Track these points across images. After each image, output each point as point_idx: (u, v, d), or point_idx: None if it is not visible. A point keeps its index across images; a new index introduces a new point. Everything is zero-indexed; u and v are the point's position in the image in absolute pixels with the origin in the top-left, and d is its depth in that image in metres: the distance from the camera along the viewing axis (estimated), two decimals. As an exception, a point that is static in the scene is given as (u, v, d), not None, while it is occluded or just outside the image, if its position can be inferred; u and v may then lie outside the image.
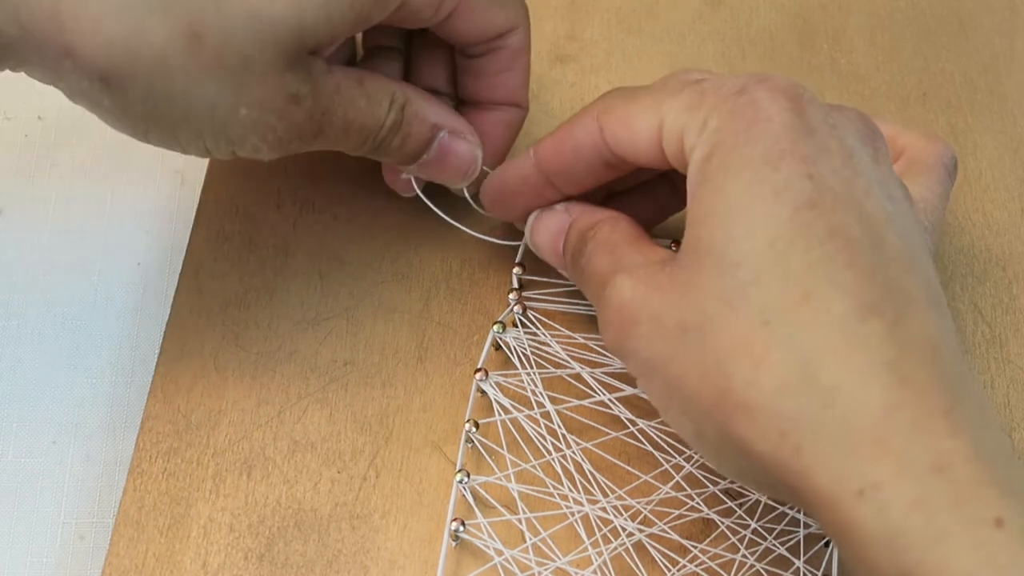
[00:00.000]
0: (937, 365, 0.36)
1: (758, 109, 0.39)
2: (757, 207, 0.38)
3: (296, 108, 0.43)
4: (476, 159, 0.49)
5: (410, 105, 0.46)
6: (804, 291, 0.37)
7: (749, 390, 0.37)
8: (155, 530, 0.45)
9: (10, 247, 0.54)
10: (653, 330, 0.39)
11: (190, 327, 0.50)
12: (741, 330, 0.37)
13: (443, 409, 0.48)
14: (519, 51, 0.49)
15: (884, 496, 0.34)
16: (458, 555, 0.45)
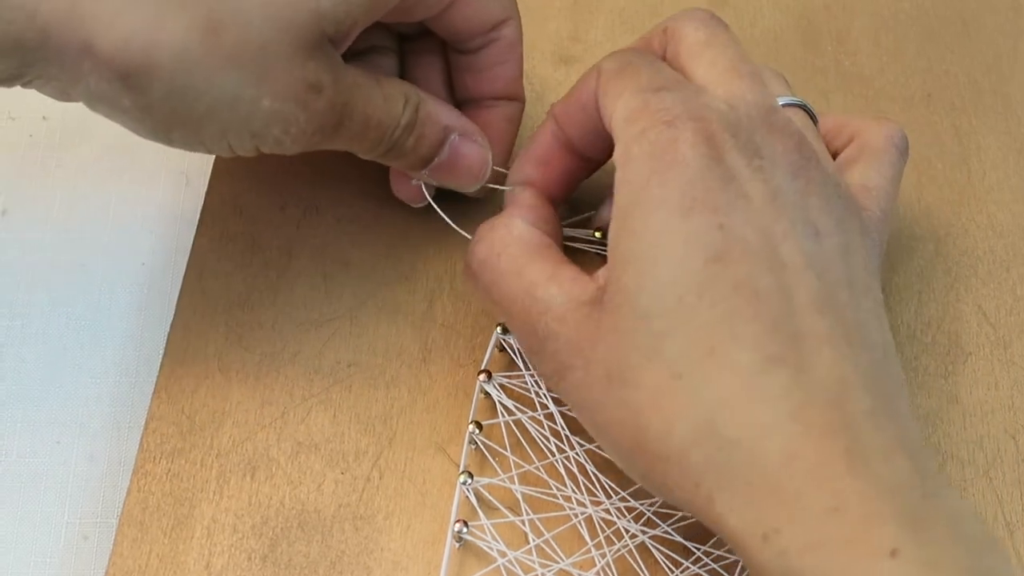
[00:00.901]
0: (842, 405, 0.37)
1: (677, 151, 0.39)
2: (668, 257, 0.39)
3: (317, 97, 0.43)
4: (487, 161, 0.49)
5: (423, 106, 0.47)
6: (710, 346, 0.38)
7: (663, 442, 0.38)
8: (159, 531, 0.45)
9: (14, 247, 0.54)
10: (584, 379, 0.40)
11: (194, 328, 0.50)
12: (655, 383, 0.38)
13: (446, 410, 0.48)
14: (513, 42, 0.49)
15: (783, 540, 0.36)
16: (461, 556, 0.45)
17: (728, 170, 0.40)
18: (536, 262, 0.43)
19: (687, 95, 0.41)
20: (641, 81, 0.42)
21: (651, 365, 0.38)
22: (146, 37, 0.40)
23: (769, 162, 0.40)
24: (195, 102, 0.41)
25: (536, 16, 0.58)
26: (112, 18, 0.39)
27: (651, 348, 0.38)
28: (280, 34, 0.41)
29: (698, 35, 0.44)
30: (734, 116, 0.41)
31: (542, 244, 0.44)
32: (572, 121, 0.46)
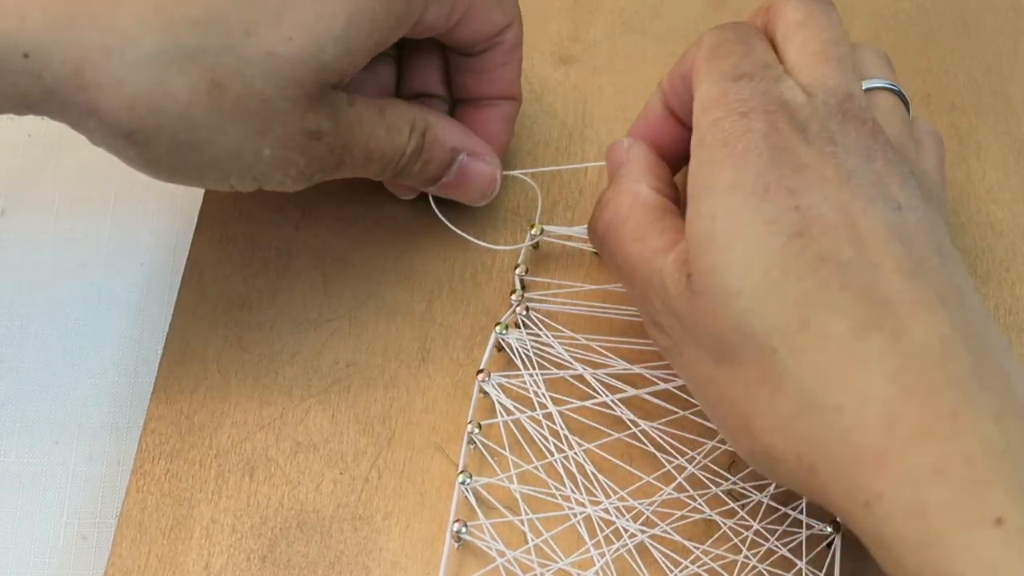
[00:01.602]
0: (944, 365, 0.37)
1: (750, 140, 0.40)
2: (750, 236, 0.39)
3: (317, 144, 0.43)
4: (495, 179, 0.50)
5: (430, 130, 0.47)
6: (802, 318, 0.38)
7: (769, 416, 0.38)
8: (158, 531, 0.45)
9: (13, 247, 0.54)
10: (697, 356, 0.41)
11: (193, 328, 0.50)
12: (757, 359, 0.39)
13: (445, 410, 0.48)
14: (515, 45, 0.50)
15: (885, 506, 0.35)
16: (460, 556, 0.45)
17: (800, 157, 0.40)
18: (659, 231, 0.44)
19: (766, 85, 0.42)
20: (726, 66, 0.43)
21: (746, 342, 0.39)
22: (150, 100, 0.40)
23: (842, 148, 0.41)
24: (199, 155, 0.42)
25: (536, 16, 0.58)
26: (116, 83, 0.40)
27: (743, 325, 0.39)
28: (282, 90, 0.41)
29: (795, 15, 0.44)
30: (810, 106, 0.42)
31: (667, 210, 0.45)
32: (675, 92, 0.47)
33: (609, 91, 0.56)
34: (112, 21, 0.39)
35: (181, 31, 0.40)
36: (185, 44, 0.40)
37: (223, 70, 0.40)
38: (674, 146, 0.48)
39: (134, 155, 0.42)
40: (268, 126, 0.42)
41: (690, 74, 0.45)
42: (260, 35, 0.40)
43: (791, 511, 0.45)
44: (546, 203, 0.52)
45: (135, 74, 0.40)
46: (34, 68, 0.39)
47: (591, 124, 0.55)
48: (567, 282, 0.51)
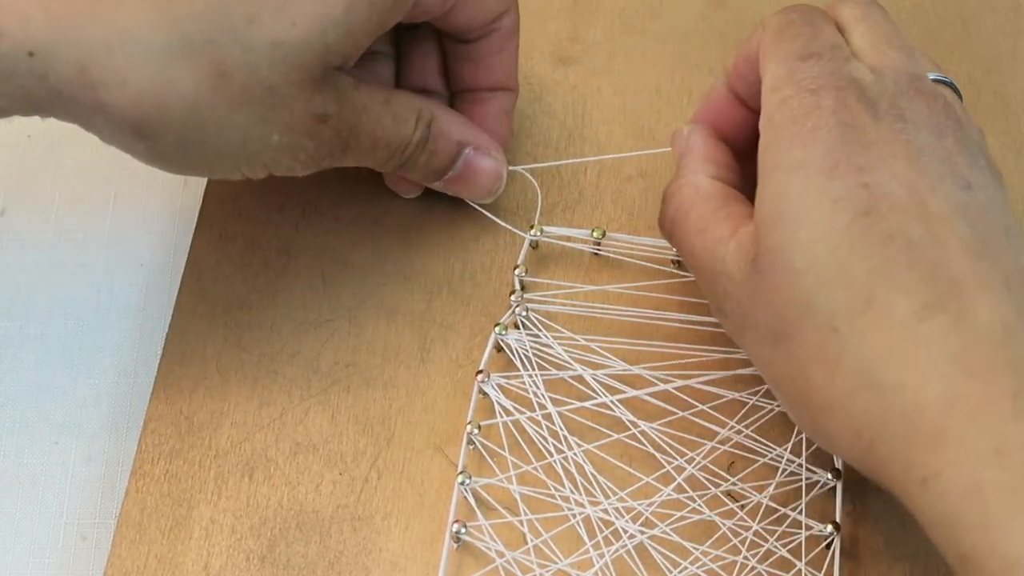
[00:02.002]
0: (1006, 347, 0.37)
1: (819, 116, 0.41)
2: (816, 215, 0.39)
3: (324, 127, 0.43)
4: (501, 176, 0.50)
5: (436, 122, 0.47)
6: (866, 297, 0.38)
7: (826, 394, 0.39)
8: (157, 531, 0.45)
9: (12, 247, 0.54)
10: (757, 337, 0.42)
11: (192, 328, 0.50)
12: (816, 338, 0.39)
13: (445, 411, 0.48)
14: (512, 31, 0.50)
15: (943, 484, 0.36)
16: (459, 557, 0.45)
17: (869, 134, 0.41)
18: (720, 220, 0.44)
19: (835, 64, 0.42)
20: (795, 47, 0.43)
21: (809, 320, 0.39)
22: (156, 95, 0.40)
23: (913, 125, 0.41)
24: (207, 145, 0.42)
25: (535, 16, 0.58)
26: (121, 81, 0.40)
27: (806, 303, 0.39)
28: (287, 75, 0.41)
29: (854, 11, 0.45)
30: (880, 84, 0.42)
31: (727, 197, 0.45)
32: (740, 75, 0.47)
33: (608, 91, 0.56)
34: (114, 19, 0.40)
35: (185, 25, 0.40)
36: (189, 37, 0.40)
37: (228, 60, 0.40)
38: (740, 130, 0.48)
39: (143, 150, 0.42)
40: (275, 112, 0.42)
41: (756, 56, 0.45)
42: (264, 23, 0.41)
43: (790, 512, 0.45)
44: (545, 204, 0.52)
45: (140, 70, 0.40)
46: (39, 68, 0.39)
47: (590, 124, 0.55)
48: (566, 283, 0.51)
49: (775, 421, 0.47)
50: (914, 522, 0.45)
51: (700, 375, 0.48)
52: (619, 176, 0.54)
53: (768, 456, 0.47)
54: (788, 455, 0.46)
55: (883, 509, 0.46)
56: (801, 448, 0.46)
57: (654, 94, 0.56)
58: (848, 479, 0.46)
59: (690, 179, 0.46)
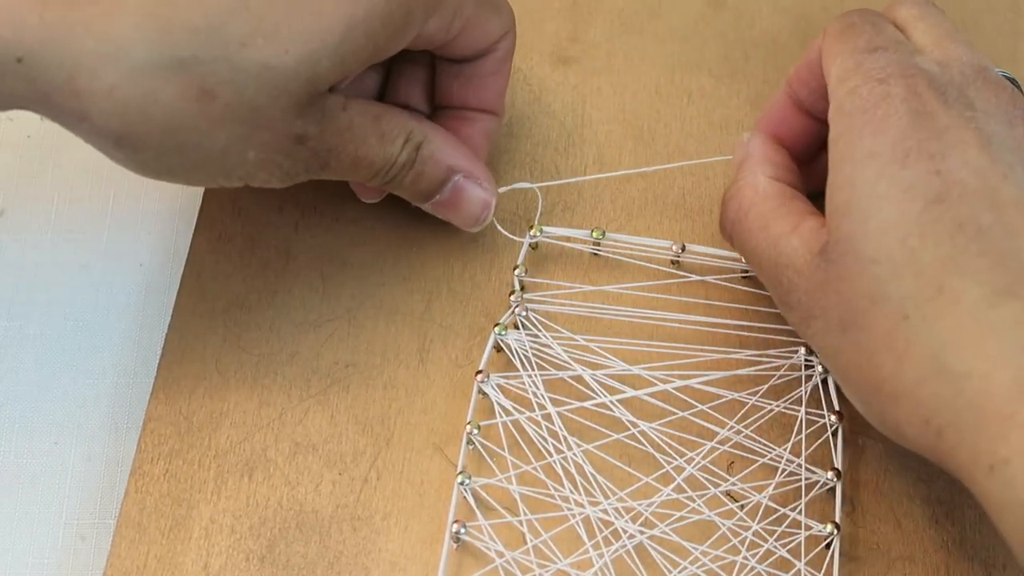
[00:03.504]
0: None
1: (889, 105, 0.41)
2: (887, 204, 0.40)
3: (301, 147, 0.43)
4: (489, 206, 0.49)
5: (427, 145, 0.47)
6: (937, 285, 0.39)
7: (895, 382, 0.39)
8: (156, 531, 0.45)
9: (12, 247, 0.54)
10: (824, 327, 0.42)
11: (192, 329, 0.50)
12: (885, 326, 0.40)
13: (444, 411, 0.48)
14: (507, 55, 0.49)
15: (1011, 471, 0.36)
16: (459, 557, 0.45)
17: (940, 121, 0.41)
18: (781, 216, 0.45)
19: (901, 55, 0.43)
20: (859, 42, 0.44)
21: (878, 308, 0.40)
22: (140, 108, 0.40)
23: (983, 113, 0.42)
24: (186, 158, 0.42)
25: (535, 17, 0.58)
26: (109, 90, 0.40)
27: (877, 292, 0.40)
28: (275, 100, 0.41)
29: (913, 10, 0.46)
30: (947, 74, 0.43)
31: (785, 195, 0.46)
32: (802, 81, 0.47)
33: (608, 92, 0.56)
34: (108, 29, 0.39)
35: (178, 40, 0.40)
36: (180, 53, 0.40)
37: (214, 79, 0.40)
38: (800, 137, 0.48)
39: (122, 157, 0.42)
40: (255, 131, 0.42)
41: (817, 61, 0.46)
42: (256, 46, 0.40)
43: (790, 512, 0.45)
44: (545, 204, 0.52)
45: (128, 82, 0.40)
46: (28, 72, 0.39)
47: (590, 124, 0.55)
48: (566, 283, 0.51)
49: (775, 421, 0.48)
50: (913, 522, 0.46)
51: (700, 375, 0.48)
52: (618, 177, 0.54)
53: (768, 456, 0.47)
54: (788, 455, 0.46)
55: (882, 509, 0.46)
56: (801, 448, 0.47)
57: (654, 94, 0.56)
58: (847, 479, 0.46)
59: (749, 180, 0.47)
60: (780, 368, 0.48)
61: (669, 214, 0.53)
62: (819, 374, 0.48)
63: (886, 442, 0.47)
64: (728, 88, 0.56)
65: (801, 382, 0.48)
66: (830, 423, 0.47)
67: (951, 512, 0.46)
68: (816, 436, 0.47)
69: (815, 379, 0.48)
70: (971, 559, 0.45)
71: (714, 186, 0.53)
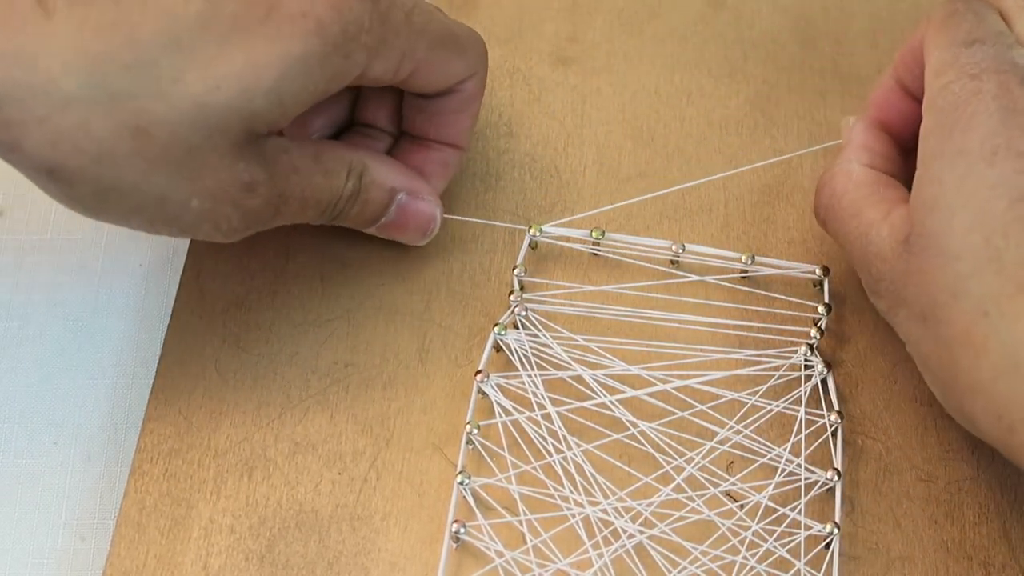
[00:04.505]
0: None
1: (980, 102, 0.41)
2: (973, 202, 0.40)
3: (252, 196, 0.42)
4: (435, 218, 0.49)
5: (367, 172, 0.46)
6: (1018, 283, 0.39)
7: (971, 376, 0.40)
8: (156, 531, 0.45)
9: (12, 248, 0.54)
10: (907, 316, 0.43)
11: (191, 329, 0.50)
12: (964, 321, 0.40)
13: (444, 411, 0.48)
14: (473, 96, 0.49)
15: None
16: (459, 556, 0.45)
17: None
18: (873, 204, 0.45)
19: (998, 50, 0.43)
20: (959, 33, 0.44)
21: (958, 303, 0.40)
22: (73, 140, 0.39)
23: None
24: (122, 199, 0.41)
25: (534, 17, 0.58)
26: (39, 121, 0.39)
27: (958, 288, 0.40)
28: (209, 139, 0.40)
29: (1019, 1, 0.45)
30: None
31: (879, 183, 0.46)
32: (906, 67, 0.47)
33: (607, 91, 0.56)
34: (38, 60, 0.39)
35: (110, 74, 0.39)
36: (111, 87, 0.39)
37: (148, 116, 0.39)
38: (907, 121, 0.48)
39: (57, 192, 0.41)
40: (196, 174, 0.41)
41: (920, 47, 0.45)
42: (188, 82, 0.39)
43: (789, 512, 0.45)
44: (544, 204, 0.53)
45: (59, 113, 0.39)
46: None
47: (589, 125, 0.55)
48: (565, 283, 0.51)
49: (774, 421, 0.48)
50: (912, 522, 0.46)
51: (699, 375, 0.48)
52: (618, 176, 0.54)
53: (767, 456, 0.47)
54: (787, 455, 0.46)
55: (882, 509, 0.46)
56: (800, 448, 0.47)
57: (653, 94, 0.56)
58: (847, 479, 0.46)
59: (843, 167, 0.47)
60: (780, 368, 0.48)
61: (668, 214, 0.53)
62: (819, 374, 0.48)
63: (886, 442, 0.47)
64: (728, 88, 0.56)
65: (801, 382, 0.48)
66: (830, 423, 0.47)
67: (950, 512, 0.46)
68: (816, 436, 0.47)
69: (815, 379, 0.48)
70: (970, 559, 0.45)
71: (713, 186, 0.53)
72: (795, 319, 0.50)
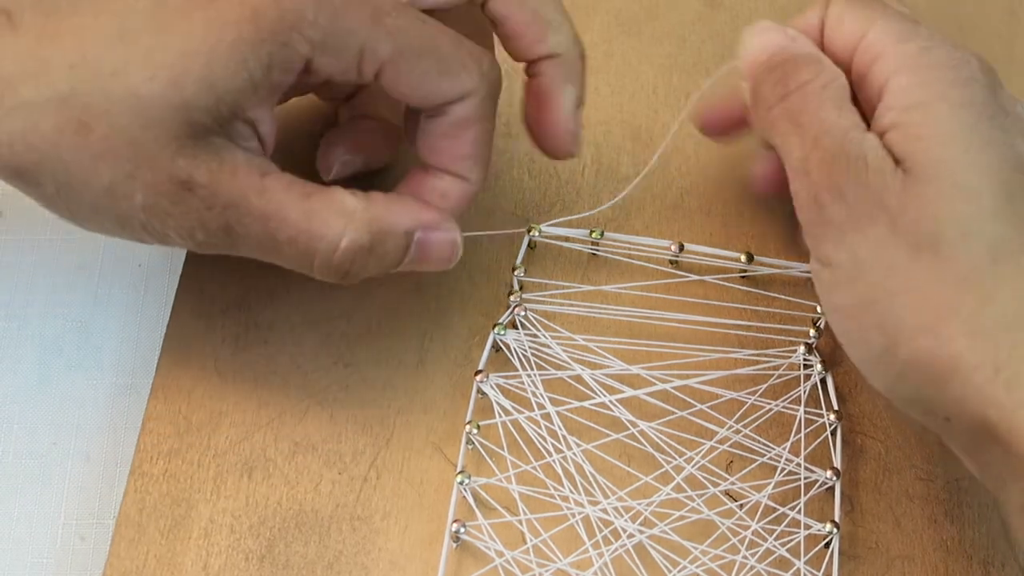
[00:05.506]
0: None
1: (972, 72, 0.41)
2: (989, 150, 0.40)
3: (190, 195, 0.41)
4: (455, 245, 0.45)
5: (376, 223, 0.43)
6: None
7: (970, 321, 0.38)
8: (156, 531, 0.45)
9: (11, 248, 0.54)
10: (886, 236, 0.40)
11: (191, 328, 0.50)
12: (972, 263, 0.39)
13: (444, 411, 0.48)
14: (465, 121, 0.45)
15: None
16: (459, 556, 0.45)
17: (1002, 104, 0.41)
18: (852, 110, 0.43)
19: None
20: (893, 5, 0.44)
21: (968, 243, 0.39)
22: (24, 140, 0.40)
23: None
24: (81, 197, 0.41)
25: (532, 18, 0.58)
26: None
27: (972, 226, 0.39)
28: (147, 130, 0.40)
29: None
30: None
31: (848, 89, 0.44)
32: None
33: (605, 91, 0.56)
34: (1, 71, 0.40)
35: (55, 75, 0.40)
36: (56, 87, 0.40)
37: (90, 111, 0.40)
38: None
39: (37, 196, 0.42)
40: (137, 168, 0.40)
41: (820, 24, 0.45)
42: (127, 74, 0.40)
43: (789, 511, 0.45)
44: (543, 204, 0.53)
45: (12, 116, 0.40)
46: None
47: (588, 125, 0.55)
48: (565, 283, 0.51)
49: (774, 421, 0.48)
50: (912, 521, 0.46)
51: (699, 375, 0.48)
52: (616, 176, 0.54)
53: (767, 456, 0.47)
54: (787, 455, 0.47)
55: (881, 508, 0.46)
56: (800, 447, 0.47)
57: (651, 94, 0.56)
58: (847, 478, 0.46)
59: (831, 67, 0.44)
60: (779, 368, 0.48)
61: (667, 214, 0.53)
62: (818, 373, 0.48)
63: (886, 441, 0.47)
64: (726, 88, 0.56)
65: (800, 381, 0.48)
66: (829, 422, 0.47)
67: (950, 511, 0.46)
68: (815, 435, 0.47)
69: (814, 378, 0.48)
70: (970, 558, 0.45)
71: (713, 186, 0.53)
72: (794, 319, 0.50)
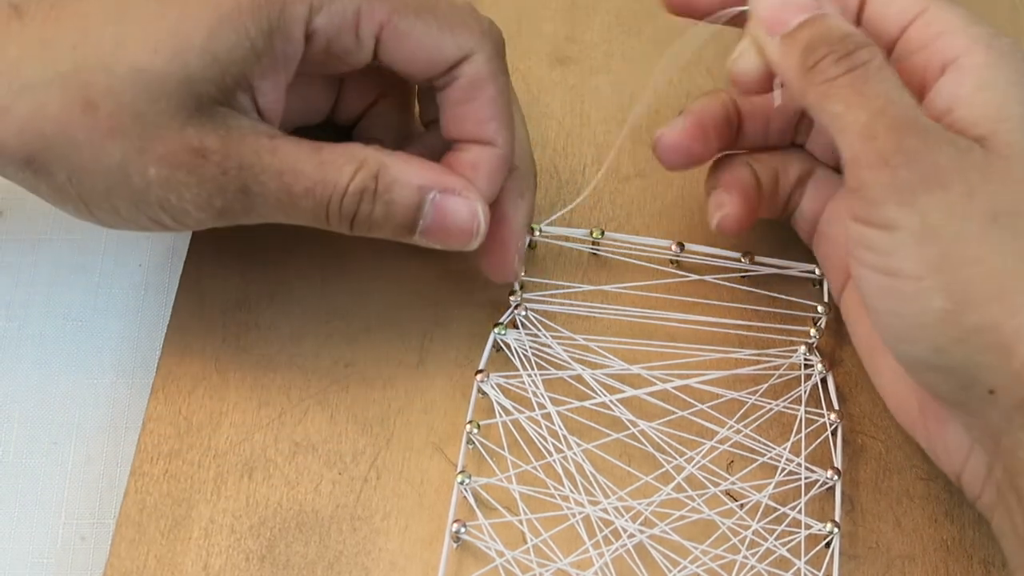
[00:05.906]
0: None
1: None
2: None
3: (204, 162, 0.41)
4: (476, 214, 0.44)
5: (387, 171, 0.43)
6: None
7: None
8: (156, 532, 0.45)
9: (11, 247, 0.54)
10: (958, 203, 0.39)
11: (191, 329, 0.50)
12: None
13: (444, 411, 0.48)
14: (477, 80, 0.45)
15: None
16: (459, 556, 0.45)
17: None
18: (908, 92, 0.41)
19: None
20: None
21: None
22: (33, 124, 0.40)
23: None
24: (94, 178, 0.41)
25: (533, 17, 0.58)
26: (4, 110, 0.40)
27: None
28: (155, 104, 0.40)
29: None
30: None
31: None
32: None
33: (606, 91, 0.56)
34: (5, 56, 0.40)
35: (58, 55, 0.40)
36: (59, 67, 0.40)
37: (94, 88, 0.40)
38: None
39: (45, 188, 0.42)
40: (147, 142, 0.41)
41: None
42: (129, 49, 0.40)
43: (790, 511, 0.45)
44: (544, 204, 0.53)
45: (19, 101, 0.40)
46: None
47: (588, 124, 0.55)
48: (565, 283, 0.51)
49: (774, 420, 0.48)
50: (912, 521, 0.46)
51: (699, 375, 0.48)
52: (617, 176, 0.54)
53: (767, 455, 0.47)
54: (787, 454, 0.46)
55: (882, 508, 0.46)
56: (800, 447, 0.47)
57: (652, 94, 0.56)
58: (847, 478, 0.46)
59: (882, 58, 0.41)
60: (780, 367, 0.48)
61: (668, 213, 0.53)
62: (818, 373, 0.48)
63: (886, 441, 0.47)
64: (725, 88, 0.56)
65: (800, 381, 0.48)
66: (830, 422, 0.47)
67: (950, 511, 0.46)
68: (816, 435, 0.47)
69: (814, 378, 0.48)
70: (970, 558, 0.45)
71: (713, 186, 0.53)
72: (795, 319, 0.50)
